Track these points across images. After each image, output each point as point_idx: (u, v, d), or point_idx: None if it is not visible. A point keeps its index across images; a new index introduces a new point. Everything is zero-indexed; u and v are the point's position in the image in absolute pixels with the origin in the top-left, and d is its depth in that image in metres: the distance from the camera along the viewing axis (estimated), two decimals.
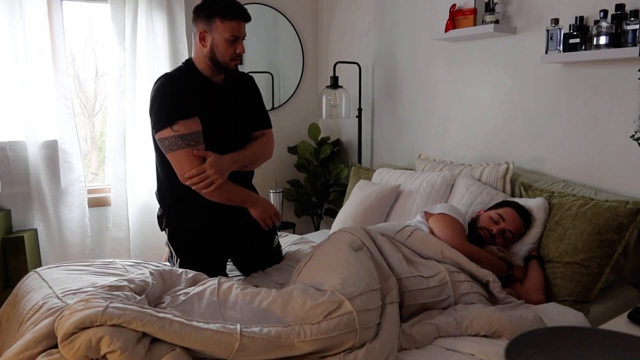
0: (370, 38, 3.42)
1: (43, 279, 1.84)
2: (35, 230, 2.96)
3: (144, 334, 1.33)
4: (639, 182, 2.13)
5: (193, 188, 1.95)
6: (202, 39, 1.98)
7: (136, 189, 3.19)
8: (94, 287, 1.65)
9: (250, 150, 2.10)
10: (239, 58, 2.02)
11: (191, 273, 1.79)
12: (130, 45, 3.10)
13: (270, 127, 2.23)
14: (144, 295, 1.54)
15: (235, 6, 1.97)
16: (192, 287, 1.66)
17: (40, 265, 2.90)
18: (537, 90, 2.48)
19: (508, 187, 2.41)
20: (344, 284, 1.55)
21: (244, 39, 2.01)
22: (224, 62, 2.00)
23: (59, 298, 1.63)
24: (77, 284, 1.76)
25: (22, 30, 2.84)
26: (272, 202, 2.33)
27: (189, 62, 2.06)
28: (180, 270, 1.80)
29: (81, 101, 3.40)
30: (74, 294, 1.65)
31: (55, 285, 1.75)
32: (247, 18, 2.00)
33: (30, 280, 1.87)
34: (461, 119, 2.88)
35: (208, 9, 1.95)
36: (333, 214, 3.53)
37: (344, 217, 2.70)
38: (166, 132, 1.90)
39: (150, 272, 1.68)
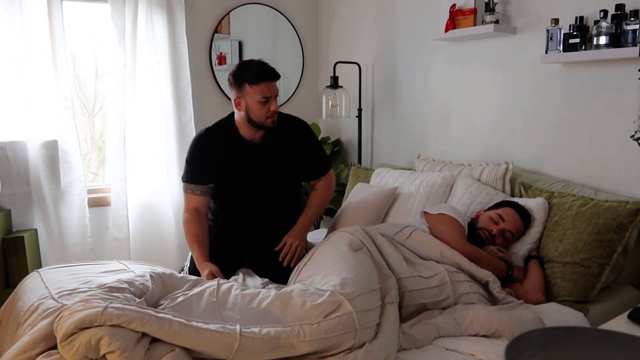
0: (370, 38, 3.42)
1: (42, 279, 1.83)
2: (35, 230, 2.96)
3: (144, 334, 1.33)
4: (639, 182, 2.12)
5: None
6: (237, 105, 2.13)
7: (136, 189, 3.19)
8: (93, 287, 1.64)
9: (316, 206, 2.35)
10: (274, 115, 2.14)
11: (192, 277, 1.79)
12: (130, 45, 3.09)
13: (330, 167, 2.39)
14: (142, 299, 1.53)
15: (263, 69, 2.08)
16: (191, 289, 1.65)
17: (40, 265, 2.90)
18: (537, 90, 2.47)
19: (508, 187, 2.41)
20: (344, 284, 1.55)
21: (277, 95, 2.13)
22: (260, 122, 2.13)
23: (54, 299, 1.61)
24: (73, 284, 1.74)
25: (22, 30, 2.84)
26: None
27: (230, 121, 2.22)
28: (180, 275, 1.79)
29: (81, 101, 3.40)
30: (69, 294, 1.63)
31: (51, 286, 1.73)
32: (276, 77, 2.10)
33: (31, 281, 1.86)
34: (461, 119, 2.87)
35: (238, 77, 2.10)
36: (333, 214, 3.53)
37: (342, 218, 2.69)
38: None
39: (151, 276, 1.67)
